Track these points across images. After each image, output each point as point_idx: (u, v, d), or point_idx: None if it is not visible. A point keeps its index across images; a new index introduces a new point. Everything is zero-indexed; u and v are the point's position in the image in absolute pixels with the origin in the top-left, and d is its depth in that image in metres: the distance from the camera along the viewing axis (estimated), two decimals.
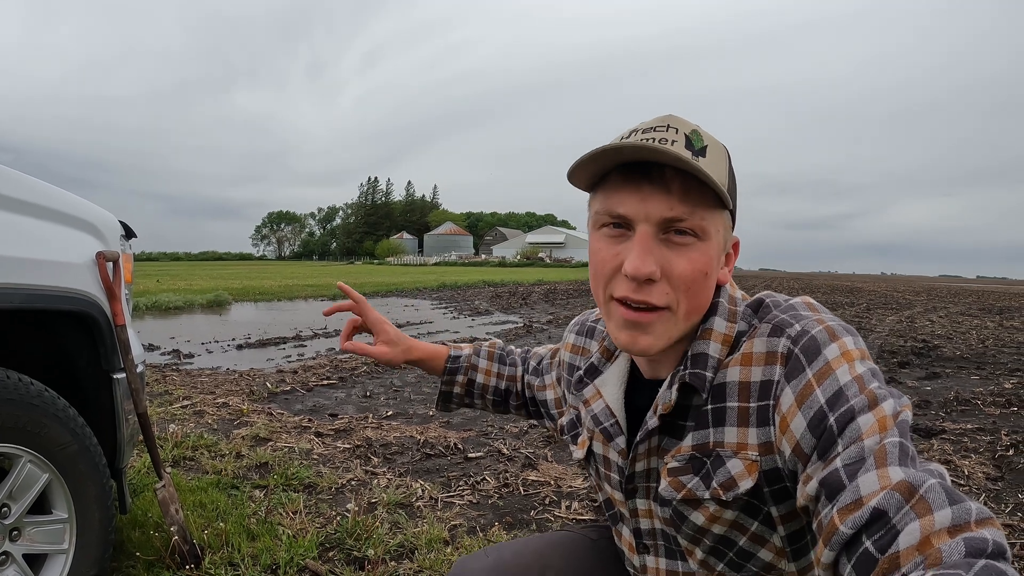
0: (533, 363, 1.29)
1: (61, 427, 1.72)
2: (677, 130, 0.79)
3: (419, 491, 3.11)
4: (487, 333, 10.27)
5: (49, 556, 1.76)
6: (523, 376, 1.30)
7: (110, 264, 1.91)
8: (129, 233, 2.16)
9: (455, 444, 3.93)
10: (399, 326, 1.28)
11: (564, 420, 1.11)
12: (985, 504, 3.12)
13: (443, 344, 1.34)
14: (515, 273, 44.31)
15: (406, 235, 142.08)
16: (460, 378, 1.29)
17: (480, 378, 1.29)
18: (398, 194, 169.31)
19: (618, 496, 0.97)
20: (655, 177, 0.77)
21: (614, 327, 0.83)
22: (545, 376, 1.23)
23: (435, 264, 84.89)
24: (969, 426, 4.58)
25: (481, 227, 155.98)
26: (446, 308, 15.69)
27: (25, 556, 1.70)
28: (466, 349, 1.32)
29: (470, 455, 3.76)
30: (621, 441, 0.93)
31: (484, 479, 3.34)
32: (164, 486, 2.15)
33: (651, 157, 0.75)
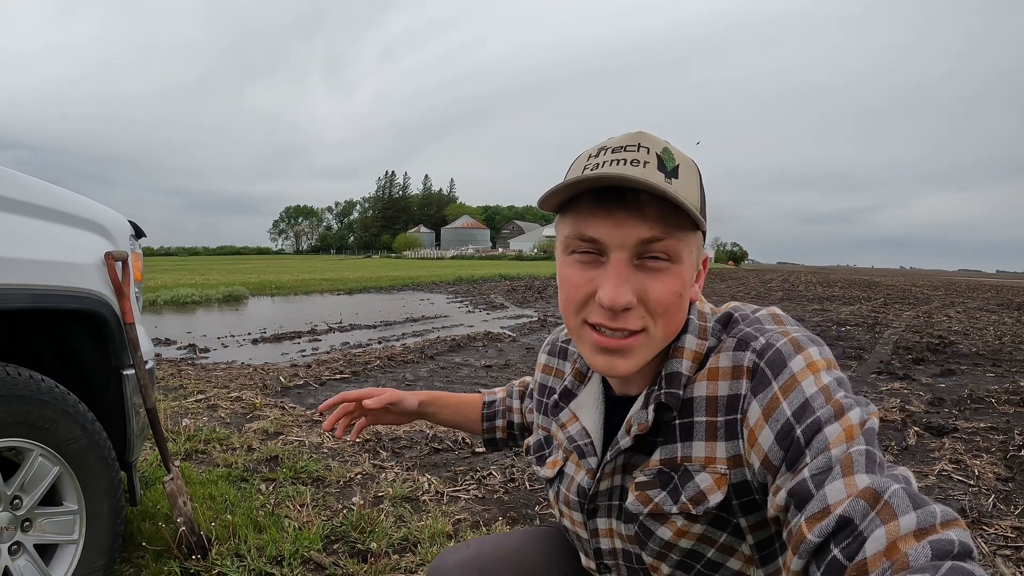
0: (529, 388, 1.27)
1: (71, 422, 1.77)
2: (648, 149, 0.77)
3: (425, 485, 3.15)
4: (502, 327, 10.30)
5: (60, 546, 1.81)
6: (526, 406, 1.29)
7: (119, 264, 1.96)
8: (139, 233, 2.21)
9: (463, 439, 3.97)
10: (414, 320, 1.29)
11: (531, 440, 1.10)
12: (994, 505, 3.09)
13: (477, 392, 1.35)
14: (532, 266, 44.27)
15: (423, 229, 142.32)
16: (499, 423, 1.30)
17: (517, 418, 1.29)
18: (415, 188, 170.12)
19: (577, 517, 0.97)
20: (629, 201, 0.75)
21: (588, 352, 0.81)
22: (528, 400, 1.24)
23: (452, 258, 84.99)
24: (982, 425, 4.54)
25: (498, 220, 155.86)
26: (461, 302, 15.73)
27: (36, 546, 1.75)
28: (499, 393, 1.32)
29: (478, 450, 3.80)
30: (592, 461, 0.92)
31: (490, 474, 3.37)
32: (172, 479, 2.20)
33: (630, 186, 0.73)
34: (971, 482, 3.41)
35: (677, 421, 0.83)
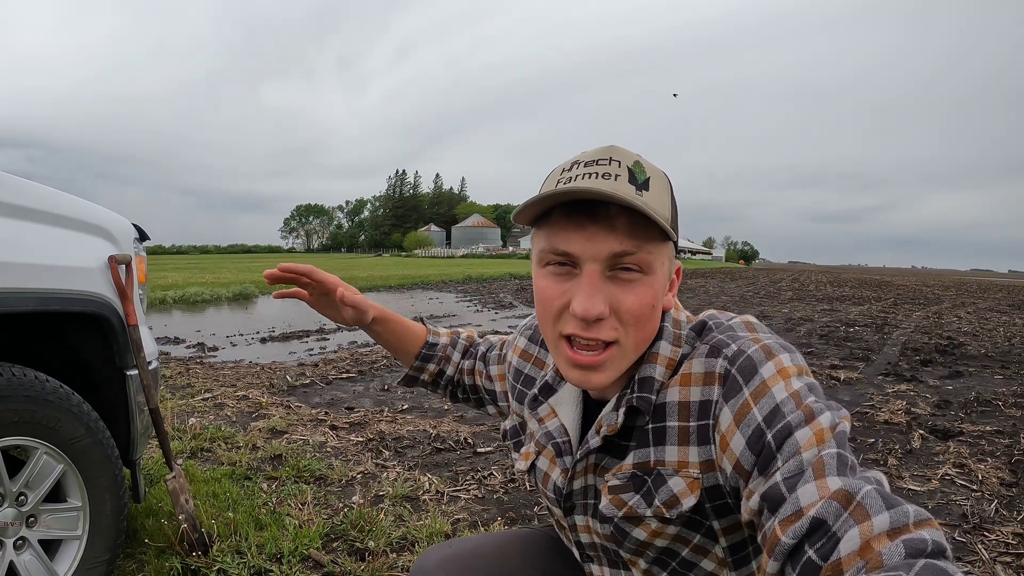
0: (483, 348, 1.27)
1: (75, 421, 1.81)
2: (620, 163, 0.78)
3: (426, 484, 3.18)
4: (510, 327, 10.29)
5: (64, 542, 1.85)
6: (478, 368, 1.27)
7: (122, 266, 2.00)
8: (142, 235, 2.25)
9: (466, 439, 4.00)
10: (422, 319, 1.30)
11: (507, 425, 1.12)
12: (997, 511, 3.07)
13: (420, 322, 1.31)
14: None
15: (434, 227, 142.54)
16: (431, 367, 1.27)
17: (450, 371, 1.28)
18: (426, 186, 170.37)
19: (556, 511, 0.99)
20: (600, 215, 0.76)
21: (564, 365, 0.83)
22: (492, 367, 1.22)
23: (462, 256, 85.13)
24: (988, 428, 4.52)
25: (509, 219, 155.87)
26: (470, 301, 15.78)
27: (41, 541, 1.79)
28: (443, 338, 1.29)
29: (479, 450, 3.83)
30: (568, 461, 0.94)
31: (491, 474, 3.40)
32: (175, 477, 2.24)
33: (600, 199, 0.75)
34: (974, 487, 3.39)
35: (650, 426, 0.84)
